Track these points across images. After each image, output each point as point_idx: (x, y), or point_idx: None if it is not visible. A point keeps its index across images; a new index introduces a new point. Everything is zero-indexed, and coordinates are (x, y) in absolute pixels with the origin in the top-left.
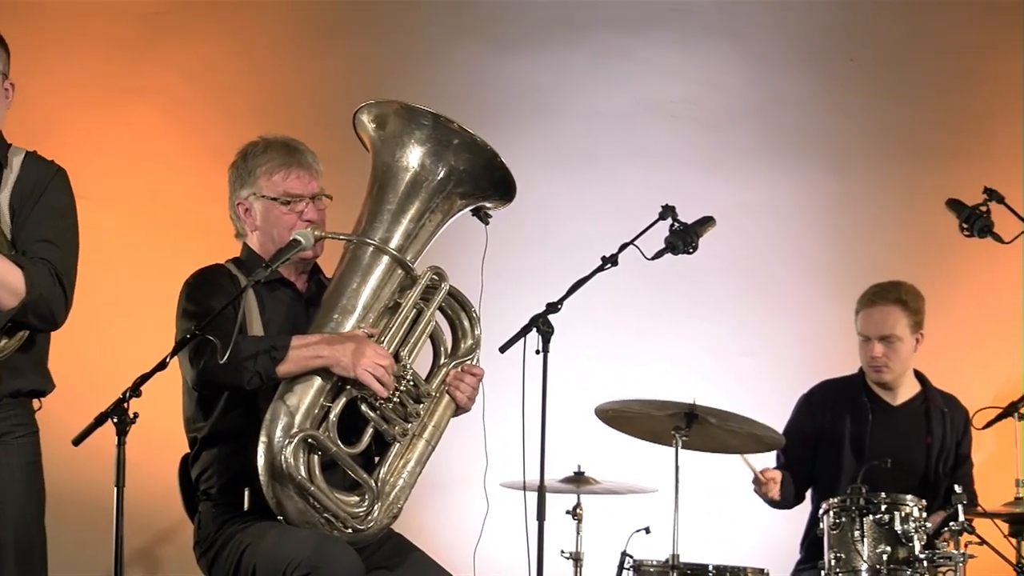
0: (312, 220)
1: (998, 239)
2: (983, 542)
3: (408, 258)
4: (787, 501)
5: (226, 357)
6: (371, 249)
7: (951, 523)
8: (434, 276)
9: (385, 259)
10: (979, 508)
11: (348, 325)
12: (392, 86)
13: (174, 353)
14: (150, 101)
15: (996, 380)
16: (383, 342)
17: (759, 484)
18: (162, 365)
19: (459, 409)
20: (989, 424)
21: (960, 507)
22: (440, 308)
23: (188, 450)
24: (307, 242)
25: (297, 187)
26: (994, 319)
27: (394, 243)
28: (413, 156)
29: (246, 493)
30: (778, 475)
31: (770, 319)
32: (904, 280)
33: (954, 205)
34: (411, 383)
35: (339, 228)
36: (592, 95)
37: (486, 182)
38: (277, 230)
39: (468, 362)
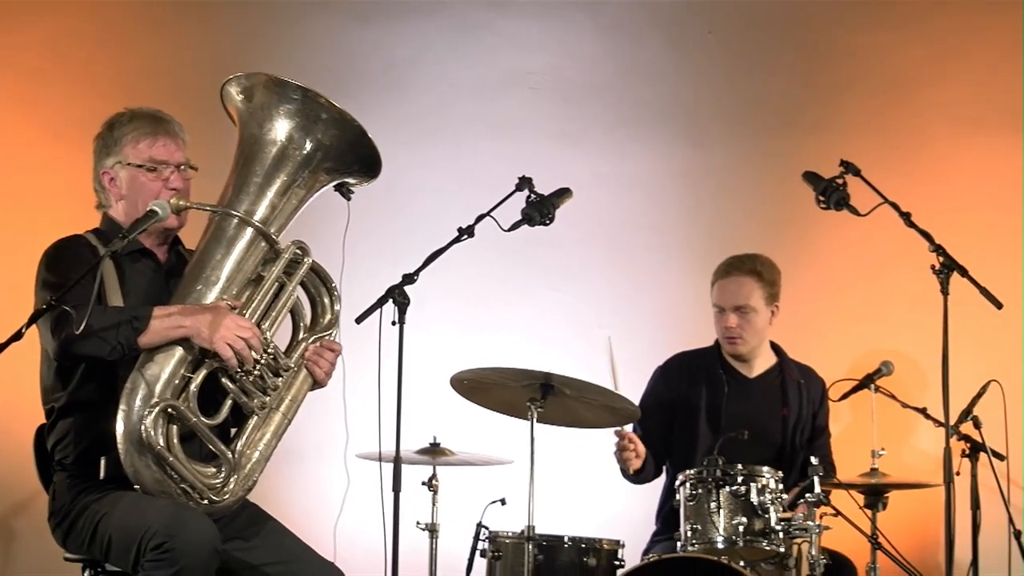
0: (177, 189)
1: (854, 211)
2: (838, 513)
3: (272, 231)
4: (645, 474)
5: (83, 327)
6: (235, 221)
7: (807, 494)
8: (297, 250)
9: (249, 231)
10: (835, 479)
11: (210, 296)
12: (252, 59)
13: (29, 324)
14: (7, 75)
15: (852, 352)
16: (245, 314)
17: (620, 446)
18: (17, 336)
19: (316, 384)
20: (845, 396)
21: (816, 478)
22: (301, 283)
23: (44, 421)
24: (164, 213)
25: (163, 154)
26: (850, 291)
27: (259, 216)
28: (280, 129)
29: (102, 462)
30: (637, 440)
31: (627, 291)
32: (760, 252)
33: (811, 178)
34: (271, 356)
35: (204, 200)
36: (450, 67)
37: (352, 158)
38: (142, 198)
39: (327, 337)
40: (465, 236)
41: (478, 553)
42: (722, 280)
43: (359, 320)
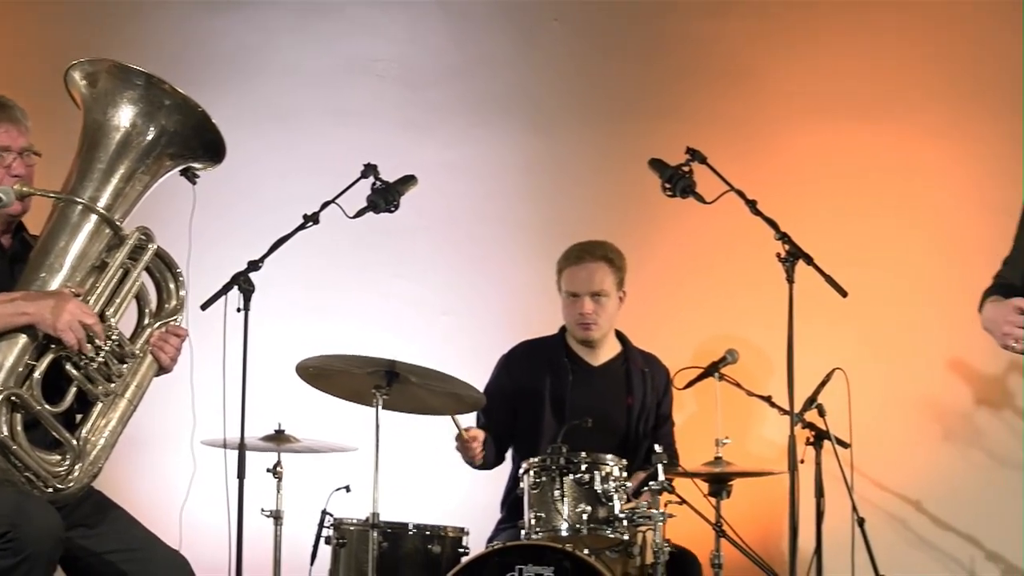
0: (20, 175)
1: (700, 199)
2: (683, 501)
3: (116, 217)
4: (488, 462)
5: None
6: (79, 208)
7: (651, 482)
8: (142, 236)
9: (93, 218)
10: (679, 468)
11: (54, 283)
12: (98, 46)
13: None
14: None
15: (697, 340)
16: (89, 301)
17: (462, 442)
18: None
19: (161, 369)
20: (690, 384)
21: (660, 467)
22: (147, 269)
23: None
24: (7, 199)
25: (5, 140)
26: (695, 279)
27: (103, 202)
28: (124, 115)
29: None
30: (480, 434)
31: (472, 278)
32: (606, 240)
33: (656, 165)
34: (116, 343)
35: (48, 186)
36: (297, 54)
37: (196, 143)
38: None
39: (172, 323)
40: (310, 223)
41: (323, 540)
42: (574, 266)
43: (204, 307)
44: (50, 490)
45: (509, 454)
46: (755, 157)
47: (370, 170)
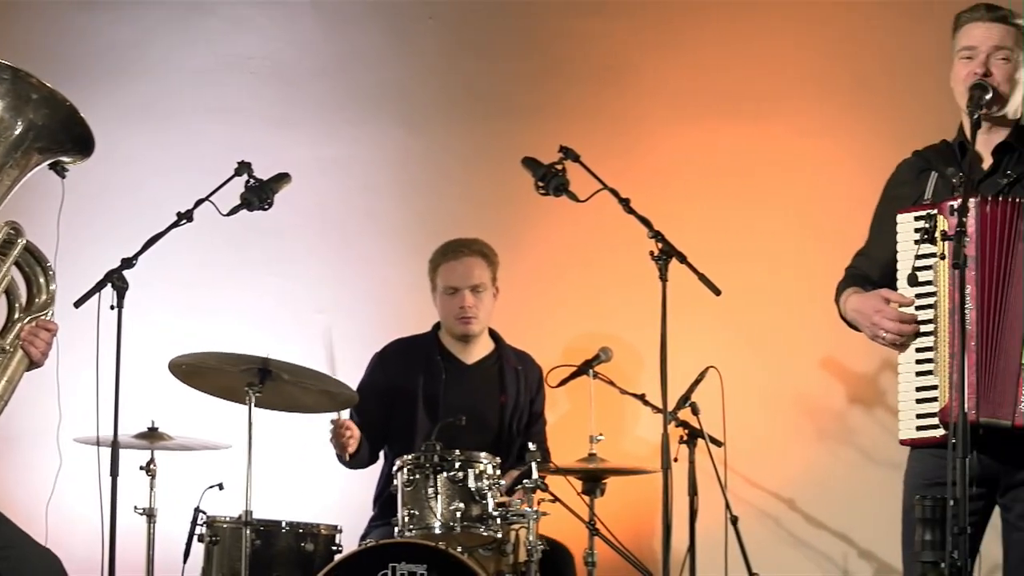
0: None
1: (573, 197)
2: (556, 499)
3: None
4: (361, 460)
5: None
6: None
7: (525, 480)
8: (11, 231)
9: None
10: (552, 465)
11: None
12: None
13: None
14: None
15: (571, 338)
16: None
17: (335, 430)
18: None
19: (32, 364)
20: (563, 382)
21: (534, 464)
22: (16, 263)
23: None
24: None
25: None
26: (569, 277)
27: None
28: None
29: None
30: (355, 426)
31: (345, 275)
32: (479, 237)
33: (530, 163)
34: None
35: None
36: (171, 52)
37: (65, 137)
38: None
39: (42, 317)
40: (184, 220)
41: (196, 538)
42: (451, 262)
43: (78, 304)
44: None
45: (383, 452)
46: (629, 155)
47: (244, 168)
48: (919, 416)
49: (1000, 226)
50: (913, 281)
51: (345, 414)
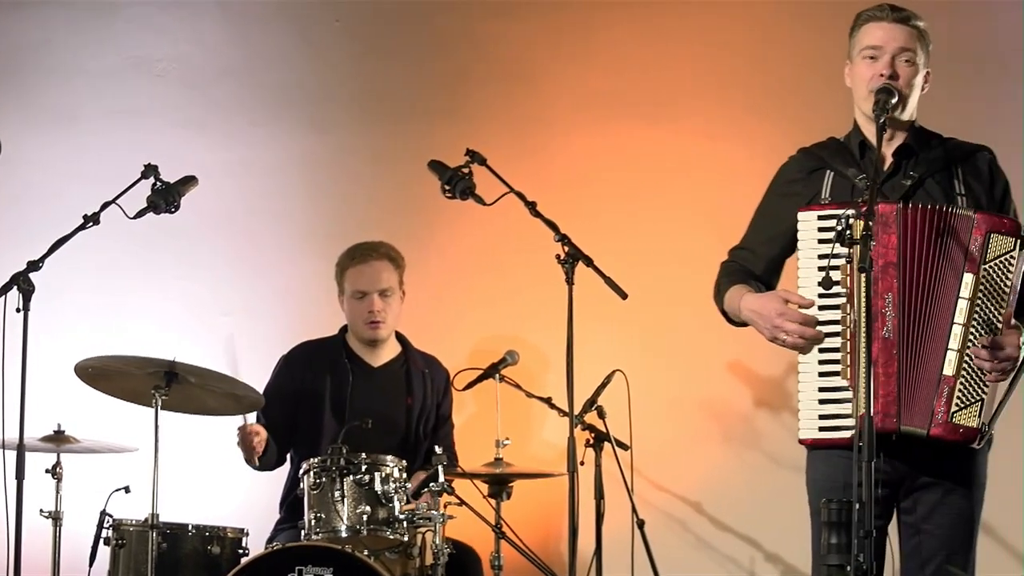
0: None
1: (480, 201)
2: (463, 503)
3: None
4: (268, 463)
5: None
6: None
7: (431, 484)
8: None
9: None
10: (459, 469)
11: None
12: None
13: None
14: None
15: (477, 341)
16: None
17: (243, 434)
18: None
19: None
20: (470, 385)
21: (440, 468)
22: None
23: None
24: None
25: None
26: (476, 280)
27: None
28: None
29: None
30: (262, 430)
31: (252, 278)
32: (385, 240)
33: (436, 166)
34: None
35: None
36: (76, 54)
37: None
38: None
39: None
40: (90, 223)
41: (102, 541)
42: (359, 266)
43: None
44: None
45: (289, 455)
46: (536, 158)
47: (150, 170)
48: (822, 417)
49: (923, 234)
50: (828, 284)
51: (252, 417)
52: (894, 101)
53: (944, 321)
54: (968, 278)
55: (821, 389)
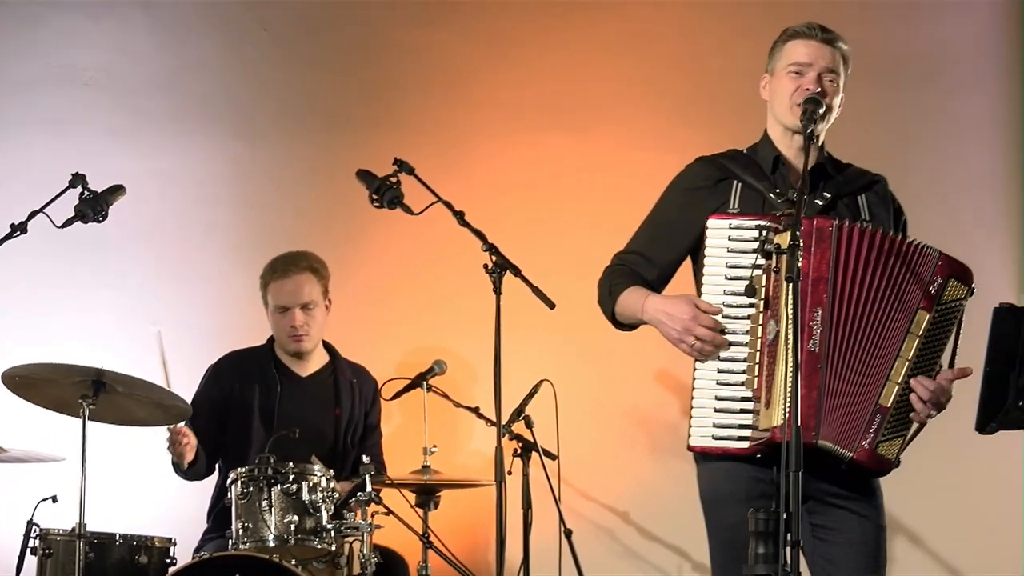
0: None
1: (408, 210)
2: (390, 512)
3: None
4: (197, 472)
5: None
6: None
7: (359, 493)
8: None
9: None
10: (386, 478)
11: None
12: None
13: None
14: None
15: (405, 350)
16: None
17: (172, 436)
18: None
19: None
20: (398, 395)
21: (368, 477)
22: None
23: None
24: None
25: None
26: (404, 290)
27: None
28: None
29: None
30: (191, 433)
31: (179, 287)
32: (313, 250)
33: (364, 176)
34: None
35: None
36: (3, 63)
37: None
38: None
39: None
40: (18, 232)
41: (29, 551)
42: (281, 280)
43: None
44: None
45: (218, 464)
46: (464, 167)
47: (78, 179)
48: (716, 425)
49: (864, 256)
50: (751, 292)
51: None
52: (821, 111)
53: (888, 351)
54: (923, 316)
55: (719, 398)
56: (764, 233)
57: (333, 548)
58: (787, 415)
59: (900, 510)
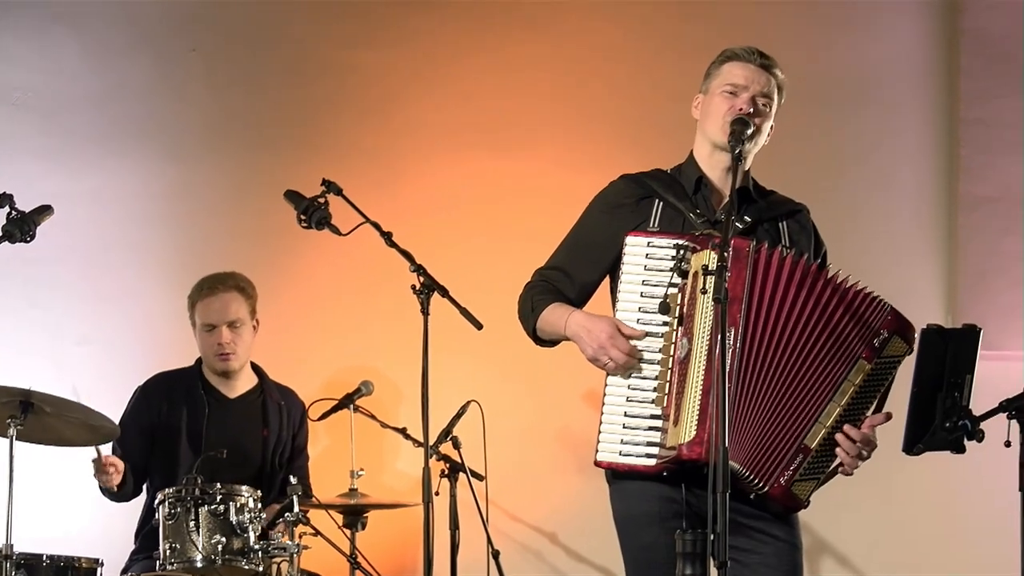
0: None
1: (336, 231)
2: (317, 533)
3: None
4: (125, 492)
5: None
6: None
7: (286, 514)
8: None
9: None
10: (314, 499)
11: None
12: None
13: None
14: None
15: (333, 372)
16: None
17: (98, 467)
18: None
19: None
20: (325, 415)
21: (295, 498)
22: None
23: None
24: None
25: None
26: (332, 311)
27: None
28: None
29: None
30: (119, 462)
31: (107, 308)
32: (241, 271)
33: (292, 196)
34: None
35: None
36: None
37: None
38: None
39: None
40: None
41: None
42: (208, 298)
43: None
44: None
45: (145, 485)
46: (392, 188)
47: (5, 199)
48: (624, 442)
49: (776, 275)
50: (665, 309)
51: (107, 447)
52: (749, 132)
53: (821, 392)
54: (863, 365)
55: (628, 414)
56: (681, 252)
57: (261, 569)
58: (695, 433)
59: (827, 532)
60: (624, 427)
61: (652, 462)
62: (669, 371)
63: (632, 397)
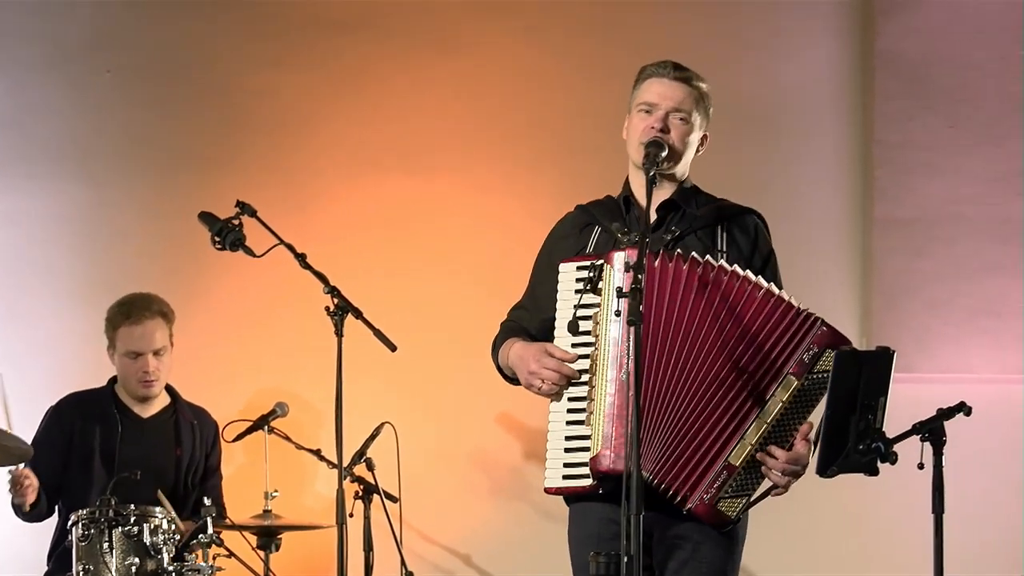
0: None
1: (250, 252)
2: (232, 554)
3: None
4: (39, 513)
5: None
6: None
7: (200, 535)
8: None
9: None
10: (228, 520)
11: None
12: None
13: None
14: None
15: (247, 393)
16: None
17: (14, 481)
18: None
19: None
20: (239, 436)
21: (209, 519)
22: None
23: None
24: None
25: None
26: (246, 332)
27: None
28: None
29: None
30: (35, 478)
31: (18, 328)
32: (154, 292)
33: (206, 218)
34: None
35: None
36: None
37: None
38: None
39: None
40: None
41: None
42: (133, 326)
43: None
44: None
45: (58, 505)
46: (307, 210)
47: None
48: (566, 465)
49: (673, 283)
50: (574, 329)
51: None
52: (664, 154)
53: (741, 407)
54: (791, 381)
55: (567, 437)
56: (589, 271)
57: None
58: (599, 448)
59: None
60: (565, 451)
61: (587, 482)
62: (592, 389)
63: (569, 420)
